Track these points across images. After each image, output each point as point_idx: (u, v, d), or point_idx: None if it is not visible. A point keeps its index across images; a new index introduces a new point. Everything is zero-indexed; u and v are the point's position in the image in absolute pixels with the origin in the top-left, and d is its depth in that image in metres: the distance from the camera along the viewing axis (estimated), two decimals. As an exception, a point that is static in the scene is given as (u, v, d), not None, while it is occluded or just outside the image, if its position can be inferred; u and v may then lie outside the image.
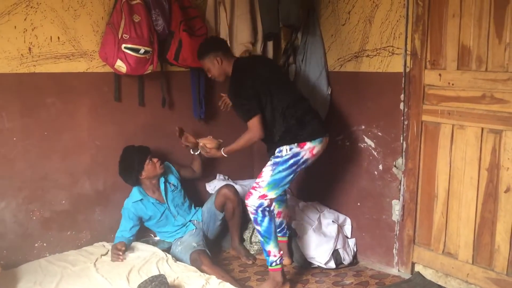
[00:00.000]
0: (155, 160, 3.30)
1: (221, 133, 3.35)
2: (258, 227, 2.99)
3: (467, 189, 2.92)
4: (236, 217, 3.46)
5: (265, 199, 2.94)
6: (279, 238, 3.28)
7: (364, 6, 3.40)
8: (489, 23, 2.72)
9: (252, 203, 2.95)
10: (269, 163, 2.98)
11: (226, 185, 3.46)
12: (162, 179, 3.39)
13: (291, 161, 2.92)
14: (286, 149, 2.92)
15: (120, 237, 3.22)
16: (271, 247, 2.99)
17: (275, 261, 3.00)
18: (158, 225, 3.40)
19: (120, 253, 3.07)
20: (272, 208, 3.02)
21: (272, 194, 2.95)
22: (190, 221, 3.48)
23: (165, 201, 3.38)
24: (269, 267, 3.04)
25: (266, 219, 2.96)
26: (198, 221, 3.51)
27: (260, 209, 2.94)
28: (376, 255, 3.50)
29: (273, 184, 2.93)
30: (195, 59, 3.29)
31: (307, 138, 2.93)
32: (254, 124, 2.90)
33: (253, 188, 2.97)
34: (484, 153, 2.82)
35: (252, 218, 3.01)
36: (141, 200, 3.31)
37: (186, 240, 3.33)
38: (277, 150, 2.95)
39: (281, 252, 3.04)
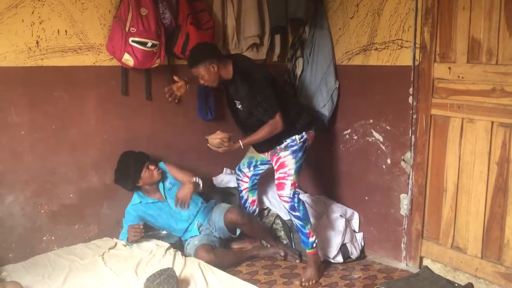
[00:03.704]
0: (152, 167, 3.25)
1: (229, 131, 3.26)
2: (296, 213, 3.15)
3: (476, 183, 2.90)
4: (256, 229, 3.45)
5: (295, 186, 3.16)
6: None
7: (372, -1, 3.38)
8: (499, 15, 2.70)
9: (287, 193, 3.12)
10: (286, 153, 3.13)
11: (230, 210, 3.33)
12: (160, 183, 3.36)
13: (304, 147, 3.16)
14: (297, 138, 3.12)
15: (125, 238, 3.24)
16: (310, 228, 3.17)
17: (315, 241, 3.18)
18: (168, 223, 3.38)
19: (139, 230, 3.10)
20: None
21: (297, 181, 3.18)
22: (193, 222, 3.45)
23: (166, 199, 3.36)
24: (308, 250, 3.18)
25: (301, 203, 3.17)
26: (201, 223, 3.43)
27: (296, 195, 3.14)
28: (384, 249, 3.49)
29: (299, 171, 3.17)
30: None
31: (310, 127, 3.21)
32: (278, 119, 2.99)
33: (283, 178, 3.13)
34: (494, 147, 2.80)
35: (288, 206, 3.15)
36: (139, 202, 3.32)
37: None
38: (290, 139, 3.12)
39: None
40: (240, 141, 3.04)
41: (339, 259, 3.40)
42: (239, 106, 3.13)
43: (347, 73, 3.65)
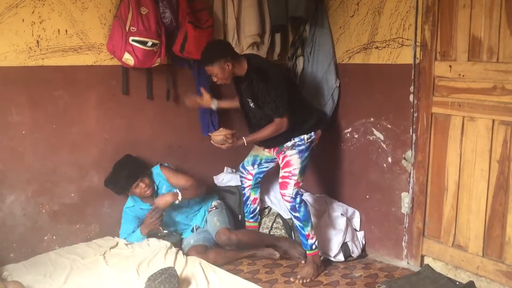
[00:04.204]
0: (143, 185, 3.19)
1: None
2: (296, 214, 3.17)
3: (477, 181, 2.90)
4: (247, 244, 3.39)
5: (299, 186, 3.18)
6: (252, 224, 3.59)
7: (373, -3, 3.37)
8: (500, 13, 2.69)
9: (290, 192, 3.15)
10: (293, 152, 3.14)
11: (220, 232, 3.30)
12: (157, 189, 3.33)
13: (311, 147, 3.20)
14: (306, 138, 3.14)
15: (127, 237, 3.27)
16: (309, 230, 3.18)
17: (314, 243, 3.19)
18: (166, 223, 3.37)
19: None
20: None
21: (301, 180, 3.19)
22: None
23: None
24: (308, 252, 3.21)
25: (303, 204, 3.18)
26: (199, 226, 3.47)
27: (298, 195, 3.16)
28: (385, 248, 3.49)
29: (303, 171, 3.20)
30: (200, 52, 3.26)
31: (318, 126, 3.26)
32: (285, 120, 3.02)
33: (287, 177, 3.16)
34: (495, 145, 2.80)
35: (289, 206, 3.18)
36: (133, 206, 3.33)
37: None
38: (298, 138, 3.13)
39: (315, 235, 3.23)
40: (243, 138, 3.05)
41: (340, 257, 3.40)
42: (252, 105, 3.09)
43: (348, 72, 3.64)
